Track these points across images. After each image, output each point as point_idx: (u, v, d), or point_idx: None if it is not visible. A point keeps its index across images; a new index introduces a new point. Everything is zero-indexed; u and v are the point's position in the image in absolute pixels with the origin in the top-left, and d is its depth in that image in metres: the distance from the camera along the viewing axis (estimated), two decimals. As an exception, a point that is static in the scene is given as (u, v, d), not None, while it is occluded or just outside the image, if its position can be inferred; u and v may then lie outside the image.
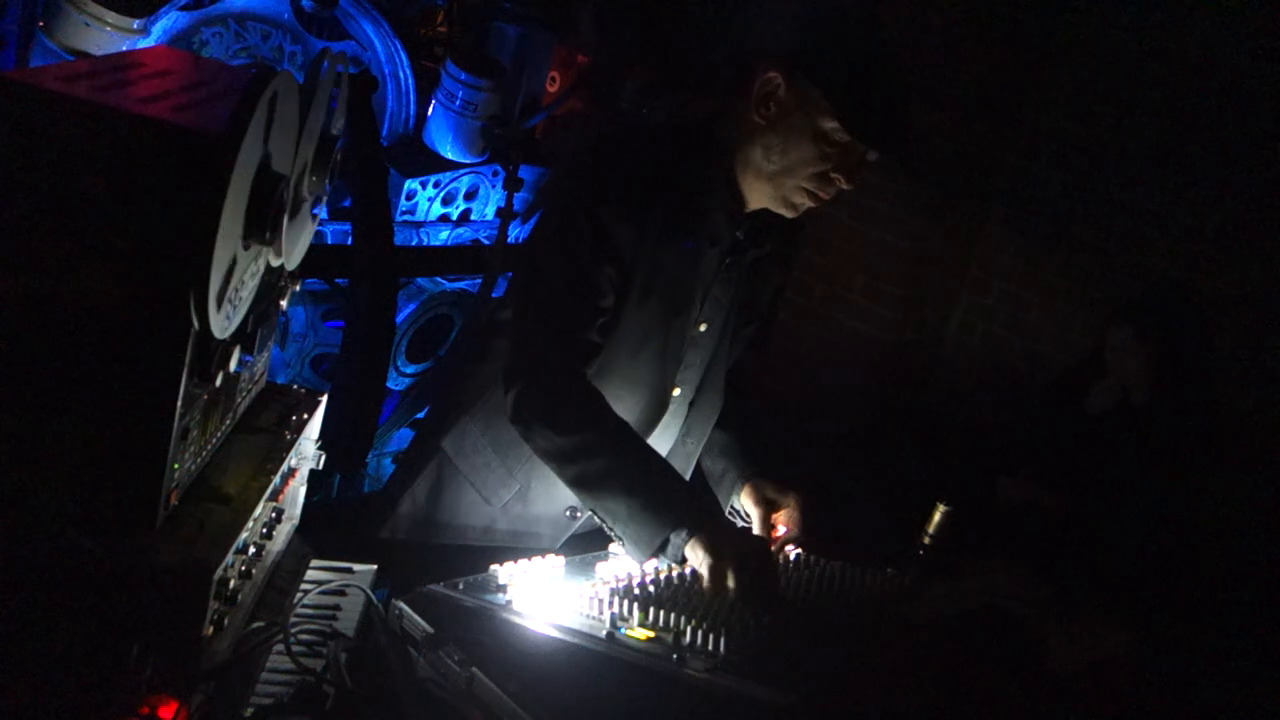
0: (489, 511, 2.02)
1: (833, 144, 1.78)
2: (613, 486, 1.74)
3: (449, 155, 3.42)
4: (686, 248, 1.87)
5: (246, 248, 1.23)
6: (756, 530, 1.98)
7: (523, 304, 1.91)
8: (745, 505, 2.04)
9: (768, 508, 2.00)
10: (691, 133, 1.92)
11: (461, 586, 1.57)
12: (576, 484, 1.80)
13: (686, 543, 1.67)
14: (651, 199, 1.83)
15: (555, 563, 1.69)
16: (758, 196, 1.90)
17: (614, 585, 1.62)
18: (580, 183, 1.85)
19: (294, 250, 1.48)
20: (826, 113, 1.76)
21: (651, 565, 1.77)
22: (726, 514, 2.05)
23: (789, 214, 1.91)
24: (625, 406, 1.90)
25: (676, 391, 2.00)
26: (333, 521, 2.59)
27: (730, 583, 1.63)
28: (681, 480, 1.85)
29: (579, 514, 2.01)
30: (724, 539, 1.67)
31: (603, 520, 1.78)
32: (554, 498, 2.00)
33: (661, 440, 2.04)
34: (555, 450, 1.79)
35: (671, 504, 1.71)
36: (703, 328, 1.98)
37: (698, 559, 1.66)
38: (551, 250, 1.86)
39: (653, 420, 1.98)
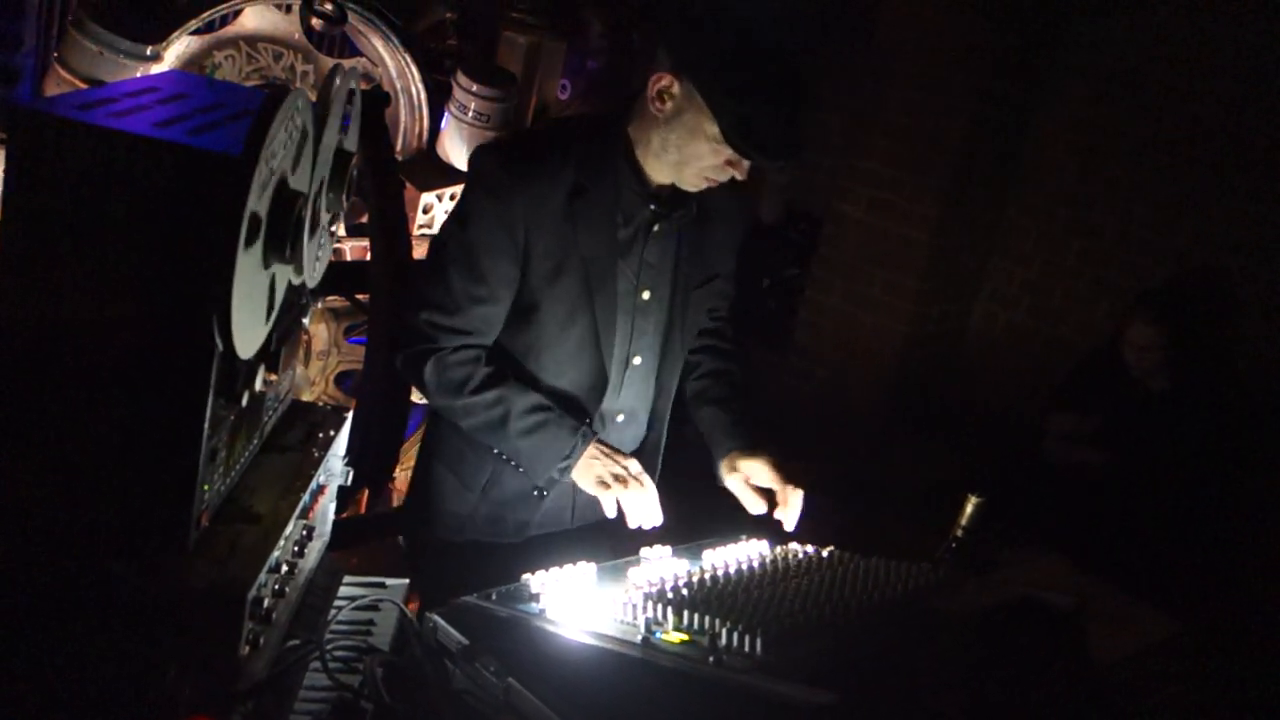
0: (469, 499, 2.10)
1: (722, 142, 1.84)
2: (503, 437, 1.97)
3: (464, 167, 3.43)
4: (598, 225, 1.95)
5: (267, 267, 1.24)
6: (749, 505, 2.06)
7: (417, 286, 2.03)
8: (733, 486, 2.10)
9: (762, 494, 2.06)
10: (599, 120, 2.01)
11: (495, 597, 1.57)
12: (474, 433, 2.00)
13: (569, 474, 1.95)
14: (553, 186, 1.92)
15: (587, 569, 1.68)
16: (665, 175, 1.98)
17: (647, 590, 1.61)
18: (477, 176, 1.95)
19: (314, 268, 1.48)
20: (710, 119, 1.83)
21: (684, 568, 1.77)
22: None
23: (693, 190, 1.98)
24: (567, 381, 2.03)
25: (637, 360, 2.08)
26: (362, 537, 2.60)
27: (611, 500, 1.91)
28: (554, 422, 1.97)
29: (546, 493, 2.08)
30: (596, 469, 1.94)
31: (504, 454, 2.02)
32: (523, 478, 2.06)
33: (637, 405, 2.14)
34: (450, 410, 1.99)
35: (552, 447, 1.95)
36: (646, 295, 2.05)
37: (584, 486, 1.96)
38: (450, 237, 1.96)
39: (598, 389, 2.05)
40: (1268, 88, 4.20)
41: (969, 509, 1.97)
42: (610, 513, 1.95)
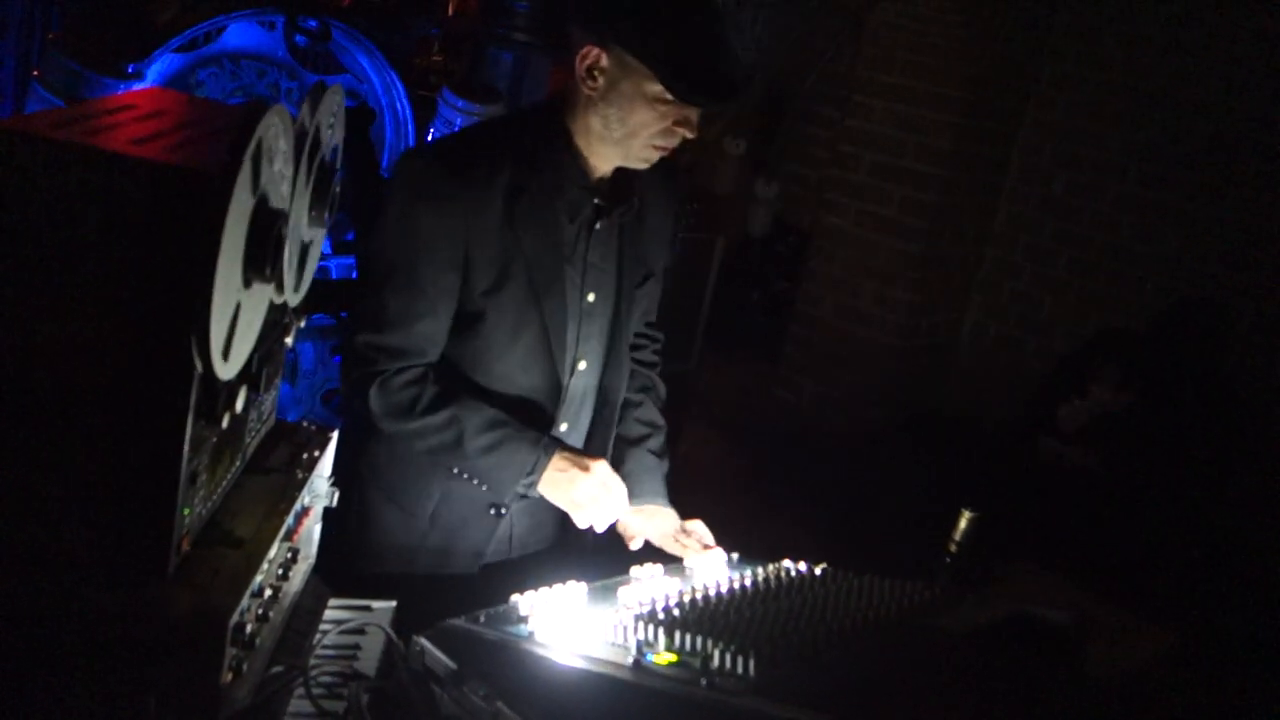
0: (417, 525, 2.02)
1: (665, 102, 1.79)
2: (461, 456, 1.89)
3: (450, 183, 3.40)
4: (540, 225, 1.88)
5: (247, 286, 1.21)
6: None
7: (355, 309, 1.97)
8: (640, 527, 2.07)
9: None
10: (532, 115, 1.95)
11: (483, 619, 1.54)
12: (429, 455, 1.92)
13: (534, 489, 1.90)
14: (490, 189, 1.84)
15: (577, 590, 1.65)
16: (608, 160, 1.92)
17: (638, 611, 1.59)
18: (409, 182, 1.86)
19: (297, 287, 1.46)
20: (649, 77, 1.77)
21: (675, 587, 1.74)
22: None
23: (643, 168, 1.93)
24: (519, 389, 1.96)
25: (582, 365, 2.02)
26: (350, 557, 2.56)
27: (584, 519, 1.90)
28: (512, 438, 1.90)
29: (504, 510, 2.02)
30: (566, 486, 1.89)
31: (464, 472, 1.94)
32: (475, 497, 2.00)
33: (580, 412, 2.07)
34: (401, 434, 1.91)
35: (513, 464, 1.88)
36: (591, 298, 1.99)
37: (554, 501, 1.92)
38: (383, 249, 1.87)
39: (552, 395, 1.99)
40: (1253, 97, 4.22)
41: (963, 524, 1.95)
42: (582, 526, 1.93)
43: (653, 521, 2.06)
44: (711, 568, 1.91)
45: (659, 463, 2.15)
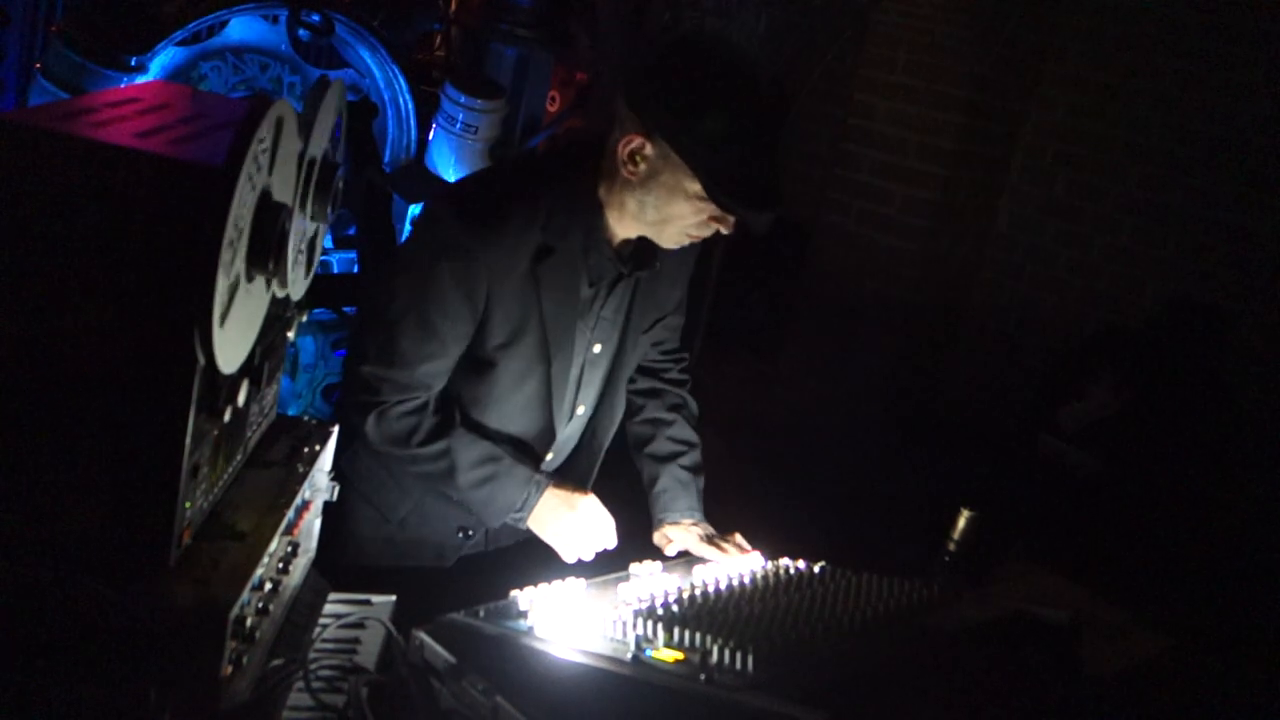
0: (387, 528, 2.07)
1: (704, 199, 1.76)
2: (453, 488, 1.93)
3: (452, 178, 3.41)
4: (561, 288, 1.88)
5: (250, 279, 1.22)
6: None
7: (363, 334, 1.96)
8: (660, 543, 2.11)
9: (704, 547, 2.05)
10: (568, 176, 1.89)
11: (482, 614, 1.54)
12: (422, 481, 1.98)
13: (523, 523, 1.95)
14: (516, 251, 1.82)
15: (577, 585, 1.66)
16: (637, 233, 1.91)
17: (637, 606, 1.59)
18: (436, 237, 1.84)
19: (299, 281, 1.46)
20: (691, 176, 1.74)
21: (674, 583, 1.75)
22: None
23: (673, 248, 1.91)
24: (514, 430, 1.99)
25: (580, 410, 2.06)
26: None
27: (571, 555, 1.94)
28: (504, 474, 1.93)
29: (471, 533, 2.06)
30: (554, 524, 1.94)
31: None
32: (447, 514, 2.04)
33: (568, 443, 2.11)
34: (395, 459, 1.95)
35: (503, 498, 1.93)
36: (597, 349, 2.02)
37: (543, 537, 1.96)
38: (402, 290, 1.86)
39: (545, 442, 2.03)
40: (1253, 99, 4.22)
41: (962, 523, 1.95)
42: (569, 561, 1.95)
43: (687, 534, 2.09)
44: (744, 566, 1.91)
45: (692, 478, 2.16)
